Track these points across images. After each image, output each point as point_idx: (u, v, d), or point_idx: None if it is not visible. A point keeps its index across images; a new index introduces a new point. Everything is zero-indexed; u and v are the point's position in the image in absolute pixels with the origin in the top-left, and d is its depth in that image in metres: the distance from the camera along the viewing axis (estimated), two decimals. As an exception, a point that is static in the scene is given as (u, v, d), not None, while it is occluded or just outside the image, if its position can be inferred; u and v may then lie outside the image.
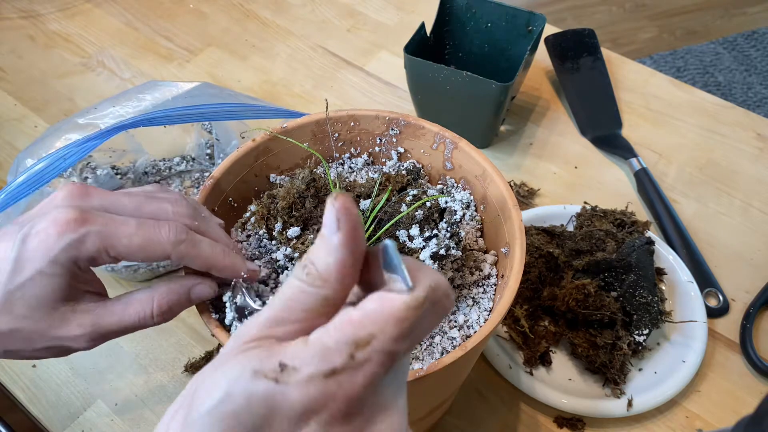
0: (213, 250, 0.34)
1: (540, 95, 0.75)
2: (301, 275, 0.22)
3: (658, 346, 0.53)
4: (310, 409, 0.19)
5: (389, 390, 0.21)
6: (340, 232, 0.21)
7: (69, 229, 0.30)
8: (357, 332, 0.20)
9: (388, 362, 0.20)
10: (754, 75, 1.63)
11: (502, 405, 0.51)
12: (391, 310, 0.20)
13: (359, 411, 0.20)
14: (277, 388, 0.19)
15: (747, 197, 0.65)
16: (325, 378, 0.19)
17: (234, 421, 0.19)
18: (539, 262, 0.54)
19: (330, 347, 0.20)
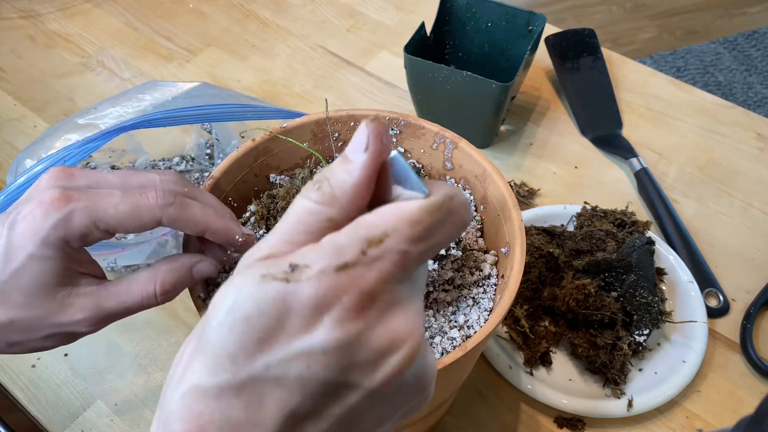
0: (204, 212, 0.33)
1: (540, 95, 0.75)
2: (311, 194, 0.21)
3: (658, 347, 0.53)
4: (322, 303, 0.19)
5: (404, 290, 0.20)
6: (366, 153, 0.20)
7: (54, 208, 0.29)
8: (370, 231, 0.19)
9: (401, 262, 0.20)
10: (755, 75, 1.63)
11: (502, 405, 0.51)
12: (407, 212, 0.20)
13: (372, 305, 0.19)
14: (288, 287, 0.19)
15: (747, 197, 0.65)
16: (336, 272, 0.19)
17: (246, 327, 0.19)
18: (539, 262, 0.54)
19: (342, 244, 0.19)
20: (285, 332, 0.19)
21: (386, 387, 0.20)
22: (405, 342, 0.20)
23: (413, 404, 0.22)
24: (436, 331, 0.37)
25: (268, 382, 0.19)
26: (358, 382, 0.19)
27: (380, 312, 0.20)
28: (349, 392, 0.20)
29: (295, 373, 0.19)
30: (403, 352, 0.20)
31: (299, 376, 0.19)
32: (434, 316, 0.38)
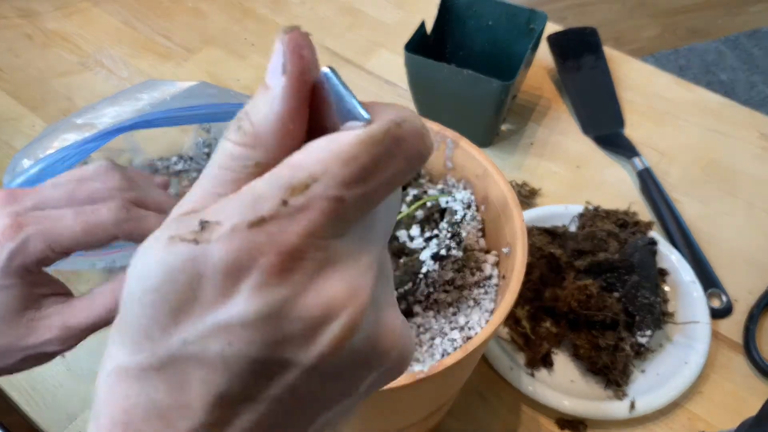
0: (159, 222, 0.32)
1: (541, 94, 0.74)
2: (233, 134, 0.17)
3: (660, 348, 0.52)
4: (235, 267, 0.16)
5: (344, 245, 0.17)
6: (285, 76, 0.17)
7: (7, 237, 0.29)
8: (294, 174, 0.16)
9: (333, 212, 0.16)
10: (757, 74, 1.62)
11: (503, 407, 0.51)
12: (339, 146, 0.16)
13: (298, 267, 0.16)
14: (197, 249, 0.16)
15: (750, 197, 0.65)
16: (250, 229, 0.16)
17: (156, 297, 0.16)
18: (541, 263, 0.53)
19: (260, 194, 0.16)
20: (198, 303, 0.16)
21: (328, 362, 0.17)
22: (343, 308, 0.16)
23: (378, 376, 0.19)
24: (437, 332, 0.37)
25: (188, 360, 0.16)
26: (292, 358, 0.16)
27: (311, 274, 0.16)
28: (284, 371, 0.17)
29: (215, 350, 0.16)
30: (341, 320, 0.16)
31: (221, 353, 0.16)
32: (435, 317, 0.38)
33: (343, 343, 0.17)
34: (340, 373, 0.18)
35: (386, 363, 0.19)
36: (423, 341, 0.37)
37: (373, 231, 0.18)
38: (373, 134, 0.16)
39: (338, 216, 0.16)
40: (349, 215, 0.17)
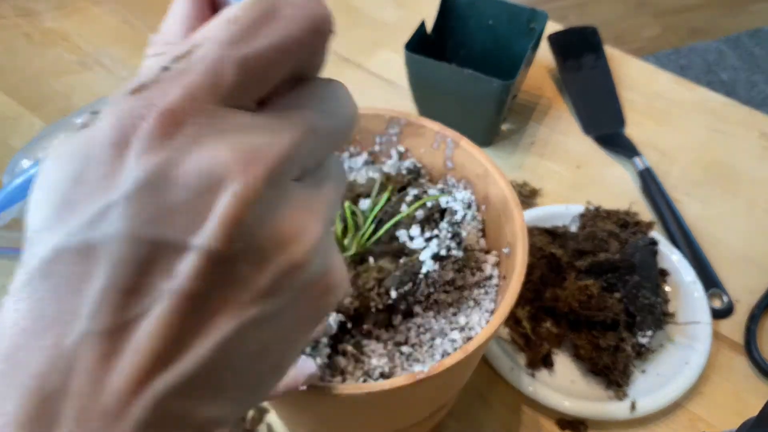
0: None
1: (542, 93, 0.74)
2: (150, 49, 0.18)
3: (661, 348, 0.52)
4: (120, 138, 0.15)
5: (227, 112, 0.16)
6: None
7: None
8: (179, 48, 0.16)
9: (213, 71, 0.15)
10: (758, 73, 1.62)
11: (503, 407, 0.51)
12: (224, 14, 0.16)
13: (180, 131, 0.15)
14: (87, 132, 0.15)
15: (752, 197, 0.65)
16: (130, 96, 0.15)
17: (44, 195, 0.15)
18: (541, 263, 0.53)
19: (147, 68, 0.16)
20: (86, 188, 0.15)
21: (228, 251, 0.15)
22: (233, 174, 0.15)
23: (310, 301, 0.18)
24: (437, 332, 0.37)
25: (71, 255, 0.15)
26: (182, 239, 0.15)
27: (191, 140, 0.15)
28: (177, 257, 0.15)
29: (97, 236, 0.14)
30: (231, 189, 0.15)
31: (103, 238, 0.14)
32: (435, 317, 0.37)
33: (238, 219, 0.15)
34: (254, 275, 0.16)
35: (329, 283, 0.18)
36: (423, 341, 0.37)
37: (303, 103, 0.18)
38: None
39: (219, 75, 0.15)
40: (230, 78, 0.16)
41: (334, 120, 0.18)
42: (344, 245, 0.36)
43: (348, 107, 0.19)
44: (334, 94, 0.19)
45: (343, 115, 0.19)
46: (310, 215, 0.17)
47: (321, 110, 0.18)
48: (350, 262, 0.36)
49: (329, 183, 0.19)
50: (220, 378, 0.17)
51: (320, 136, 0.18)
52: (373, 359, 0.35)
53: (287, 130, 0.17)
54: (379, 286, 0.35)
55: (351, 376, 0.35)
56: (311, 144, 0.17)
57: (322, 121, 0.18)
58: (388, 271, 0.35)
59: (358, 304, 0.35)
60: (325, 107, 0.18)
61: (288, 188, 0.17)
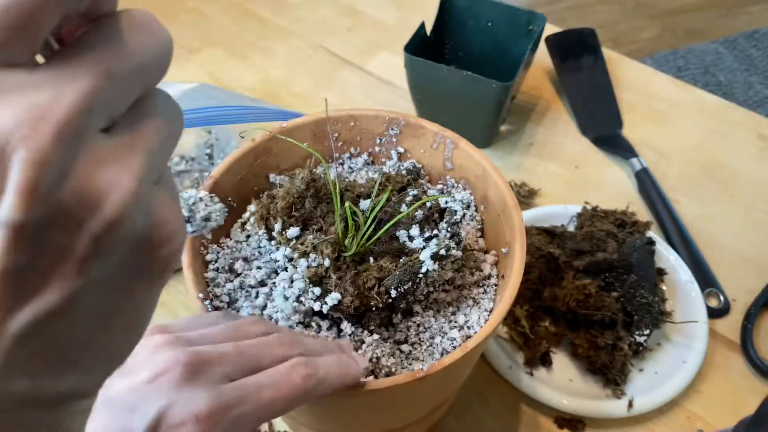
0: (339, 370, 0.31)
1: (540, 95, 0.75)
2: None
3: (658, 347, 0.53)
4: None
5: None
6: None
7: (213, 423, 0.26)
8: None
9: None
10: (755, 75, 1.62)
11: (502, 406, 0.51)
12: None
13: None
14: None
15: (748, 197, 0.65)
16: None
17: None
18: (540, 263, 0.53)
19: None
20: None
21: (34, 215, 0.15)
22: (14, 141, 0.14)
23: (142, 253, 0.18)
24: (436, 331, 0.37)
25: None
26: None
27: None
28: None
29: None
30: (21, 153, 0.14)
31: None
32: (434, 316, 0.38)
33: (34, 186, 0.14)
34: (70, 241, 0.16)
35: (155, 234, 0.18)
36: (423, 340, 0.37)
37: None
38: None
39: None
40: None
41: (136, 56, 0.17)
42: (345, 245, 0.37)
43: (152, 37, 0.18)
44: (133, 27, 0.17)
45: (147, 47, 0.17)
46: (121, 168, 0.16)
47: (117, 48, 0.17)
48: (350, 262, 0.37)
49: (149, 124, 0.18)
50: (63, 349, 0.16)
51: (121, 77, 0.16)
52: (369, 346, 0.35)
53: (77, 80, 0.15)
54: (379, 286, 0.35)
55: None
56: (112, 88, 0.16)
57: (119, 61, 0.16)
58: (388, 271, 0.35)
59: (359, 303, 0.35)
60: (123, 44, 0.17)
61: (91, 142, 0.16)
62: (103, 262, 0.16)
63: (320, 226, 0.38)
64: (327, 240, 0.36)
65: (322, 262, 0.36)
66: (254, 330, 0.32)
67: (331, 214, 0.39)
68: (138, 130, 0.17)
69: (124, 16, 0.17)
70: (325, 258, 0.36)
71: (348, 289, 0.35)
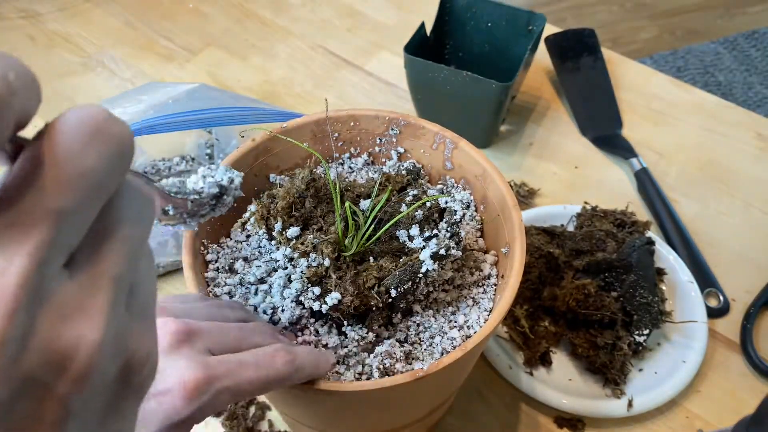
0: (312, 360, 0.33)
1: (540, 95, 0.75)
2: None
3: (658, 347, 0.53)
4: None
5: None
6: None
7: (199, 392, 0.27)
8: None
9: None
10: (755, 75, 1.62)
11: (502, 405, 0.51)
12: None
13: None
14: None
15: (748, 197, 0.65)
16: None
17: None
18: (539, 262, 0.53)
19: None
20: None
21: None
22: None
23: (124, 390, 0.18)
24: (436, 331, 0.37)
25: None
26: None
27: None
28: None
29: None
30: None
31: None
32: (434, 316, 0.38)
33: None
34: (42, 407, 0.15)
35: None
36: (422, 340, 0.37)
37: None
38: None
39: None
40: None
41: (85, 178, 0.15)
42: (345, 245, 0.37)
43: (103, 144, 0.16)
44: (76, 138, 0.16)
45: (98, 160, 0.16)
46: (85, 319, 0.15)
47: (62, 177, 0.15)
48: (350, 262, 0.37)
49: (112, 244, 0.17)
50: None
51: (73, 210, 0.15)
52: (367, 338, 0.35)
53: (24, 236, 0.14)
54: (379, 285, 0.35)
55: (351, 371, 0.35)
56: (65, 227, 0.15)
57: (67, 192, 0.15)
58: (388, 270, 0.36)
59: (359, 303, 0.35)
60: (68, 168, 0.15)
61: (51, 294, 0.15)
62: (78, 416, 0.16)
63: (320, 225, 0.38)
64: (327, 240, 0.36)
65: (322, 262, 0.36)
66: (234, 314, 0.34)
67: (331, 214, 0.39)
68: (100, 257, 0.16)
69: (62, 128, 0.15)
70: (325, 258, 0.36)
71: (348, 288, 0.35)
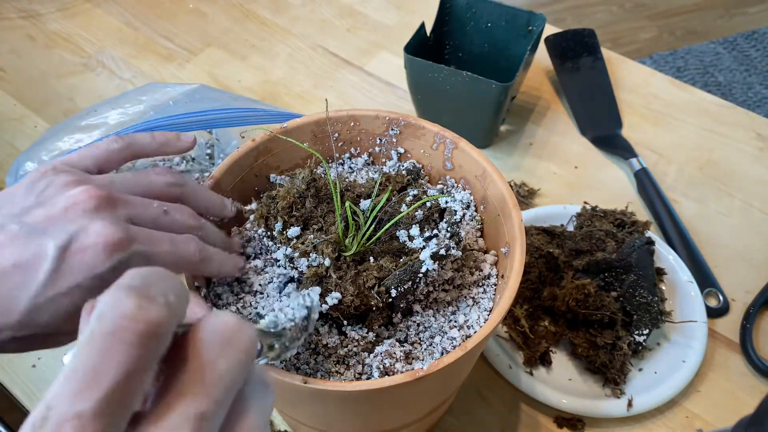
0: (220, 260, 0.35)
1: (540, 95, 0.75)
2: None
3: (658, 346, 0.53)
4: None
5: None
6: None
7: (118, 249, 0.30)
8: (35, 414, 0.17)
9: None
10: (754, 75, 1.63)
11: (502, 405, 0.51)
12: (62, 369, 0.18)
13: None
14: None
15: (747, 197, 0.65)
16: None
17: None
18: (539, 262, 0.54)
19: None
20: None
21: None
22: None
23: None
24: (436, 330, 0.37)
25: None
26: None
27: None
28: None
29: None
30: None
31: None
32: (434, 315, 0.38)
33: None
34: None
35: None
36: (422, 340, 0.37)
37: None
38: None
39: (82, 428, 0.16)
40: (92, 427, 0.16)
41: (223, 382, 0.19)
42: (345, 245, 0.37)
43: (236, 351, 0.19)
44: (214, 348, 0.19)
45: (233, 365, 0.19)
46: None
47: (203, 386, 0.18)
48: (351, 261, 0.37)
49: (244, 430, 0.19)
50: None
51: (213, 411, 0.18)
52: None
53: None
54: (379, 285, 0.35)
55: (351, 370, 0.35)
56: (208, 423, 0.18)
57: (208, 398, 0.18)
58: (388, 270, 0.36)
59: (359, 303, 0.35)
60: (208, 376, 0.19)
61: None
62: None
63: (321, 225, 0.38)
64: (327, 240, 0.36)
65: (322, 262, 0.36)
66: (162, 179, 0.35)
67: (331, 214, 0.39)
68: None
69: (201, 336, 0.19)
70: (326, 257, 0.36)
71: (348, 288, 0.35)
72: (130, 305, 0.18)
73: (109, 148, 0.36)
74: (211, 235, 0.37)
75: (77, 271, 0.29)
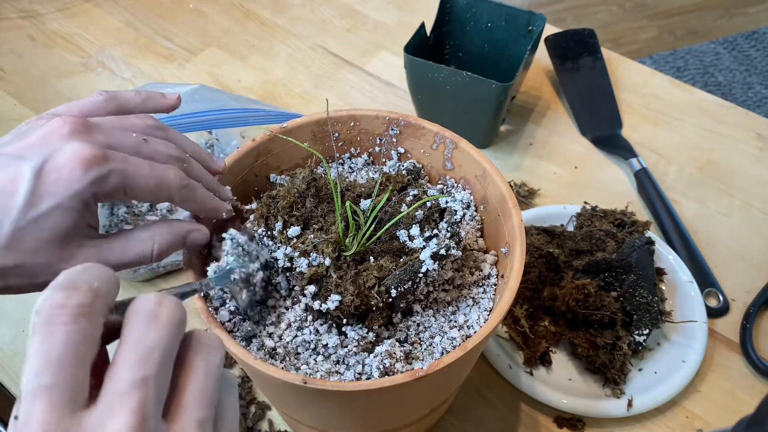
0: (204, 195, 0.35)
1: (540, 95, 0.75)
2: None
3: (658, 346, 0.53)
4: None
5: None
6: None
7: (94, 164, 0.30)
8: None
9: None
10: (755, 75, 1.63)
11: (502, 405, 0.51)
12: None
13: None
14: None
15: (747, 197, 0.65)
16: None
17: None
18: (539, 262, 0.54)
19: None
20: None
21: None
22: None
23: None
24: (436, 330, 0.37)
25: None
26: None
27: None
28: None
29: None
30: None
31: None
32: (434, 315, 0.38)
33: None
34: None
35: None
36: (422, 340, 0.37)
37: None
38: None
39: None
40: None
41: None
42: (345, 244, 0.37)
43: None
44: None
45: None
46: None
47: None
48: (351, 261, 0.37)
49: (190, 392, 0.23)
50: None
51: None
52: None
53: (125, 404, 0.21)
54: (380, 285, 0.35)
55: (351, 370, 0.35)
56: (148, 389, 0.21)
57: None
58: (388, 270, 0.36)
59: (359, 303, 0.35)
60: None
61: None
62: None
63: (321, 225, 0.38)
64: (327, 239, 0.37)
65: (322, 261, 0.36)
66: (142, 122, 0.36)
67: (331, 214, 0.39)
68: (184, 405, 0.23)
69: (129, 319, 0.23)
70: (326, 257, 0.36)
71: (348, 288, 0.35)
72: (59, 296, 0.21)
73: (94, 99, 0.36)
74: (196, 169, 0.36)
75: (55, 190, 0.30)
